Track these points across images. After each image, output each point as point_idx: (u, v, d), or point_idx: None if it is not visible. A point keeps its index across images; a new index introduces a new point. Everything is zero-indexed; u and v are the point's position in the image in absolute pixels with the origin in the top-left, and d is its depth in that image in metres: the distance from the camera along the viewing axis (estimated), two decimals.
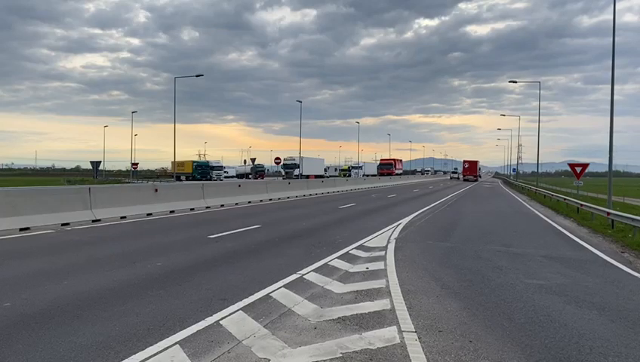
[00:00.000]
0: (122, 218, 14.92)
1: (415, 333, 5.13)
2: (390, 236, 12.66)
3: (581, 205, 21.09)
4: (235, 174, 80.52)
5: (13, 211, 11.87)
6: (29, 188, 14.45)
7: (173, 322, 5.26)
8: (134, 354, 4.36)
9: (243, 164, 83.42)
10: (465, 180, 75.68)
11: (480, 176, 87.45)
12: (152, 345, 4.57)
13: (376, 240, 12.01)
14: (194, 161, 74.11)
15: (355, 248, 10.63)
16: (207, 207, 19.48)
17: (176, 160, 57.67)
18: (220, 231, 12.57)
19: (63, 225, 12.76)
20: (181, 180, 53.40)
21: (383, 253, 10.14)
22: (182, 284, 7.03)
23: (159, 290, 6.66)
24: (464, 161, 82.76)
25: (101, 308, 5.74)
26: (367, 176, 78.22)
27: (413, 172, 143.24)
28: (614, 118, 19.37)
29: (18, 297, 6.14)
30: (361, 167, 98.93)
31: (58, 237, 11.23)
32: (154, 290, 6.65)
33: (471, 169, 78.22)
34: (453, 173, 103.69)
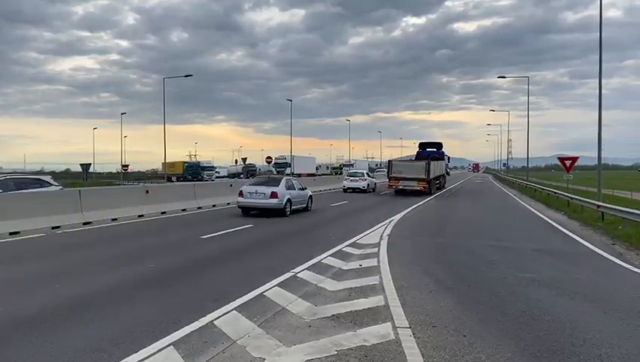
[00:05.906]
0: (114, 220, 14.80)
1: (409, 329, 5.14)
2: (383, 233, 12.68)
3: (571, 198, 21.26)
4: (226, 174, 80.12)
5: (2, 215, 11.74)
6: (19, 192, 14.29)
7: (166, 323, 5.23)
8: (128, 356, 4.32)
9: (234, 163, 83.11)
10: (472, 172, 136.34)
11: (479, 170, 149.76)
12: (145, 346, 4.54)
13: (368, 237, 12.02)
14: (185, 162, 73.57)
15: (348, 245, 10.63)
16: (199, 208, 19.38)
17: (166, 161, 57.34)
18: (211, 232, 12.51)
19: (53, 228, 12.62)
20: (172, 181, 53.00)
21: (375, 249, 10.15)
22: (175, 285, 7.00)
23: (152, 292, 6.62)
24: (473, 164, 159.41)
25: (94, 311, 5.69)
26: None
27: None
28: (602, 112, 19.48)
29: (9, 301, 6.07)
30: (352, 165, 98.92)
31: (49, 241, 11.12)
32: (147, 292, 6.61)
33: (476, 168, 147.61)
34: (469, 169, 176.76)
